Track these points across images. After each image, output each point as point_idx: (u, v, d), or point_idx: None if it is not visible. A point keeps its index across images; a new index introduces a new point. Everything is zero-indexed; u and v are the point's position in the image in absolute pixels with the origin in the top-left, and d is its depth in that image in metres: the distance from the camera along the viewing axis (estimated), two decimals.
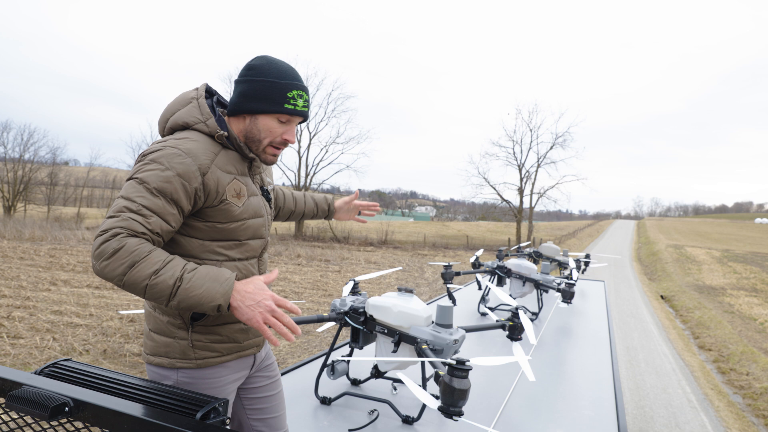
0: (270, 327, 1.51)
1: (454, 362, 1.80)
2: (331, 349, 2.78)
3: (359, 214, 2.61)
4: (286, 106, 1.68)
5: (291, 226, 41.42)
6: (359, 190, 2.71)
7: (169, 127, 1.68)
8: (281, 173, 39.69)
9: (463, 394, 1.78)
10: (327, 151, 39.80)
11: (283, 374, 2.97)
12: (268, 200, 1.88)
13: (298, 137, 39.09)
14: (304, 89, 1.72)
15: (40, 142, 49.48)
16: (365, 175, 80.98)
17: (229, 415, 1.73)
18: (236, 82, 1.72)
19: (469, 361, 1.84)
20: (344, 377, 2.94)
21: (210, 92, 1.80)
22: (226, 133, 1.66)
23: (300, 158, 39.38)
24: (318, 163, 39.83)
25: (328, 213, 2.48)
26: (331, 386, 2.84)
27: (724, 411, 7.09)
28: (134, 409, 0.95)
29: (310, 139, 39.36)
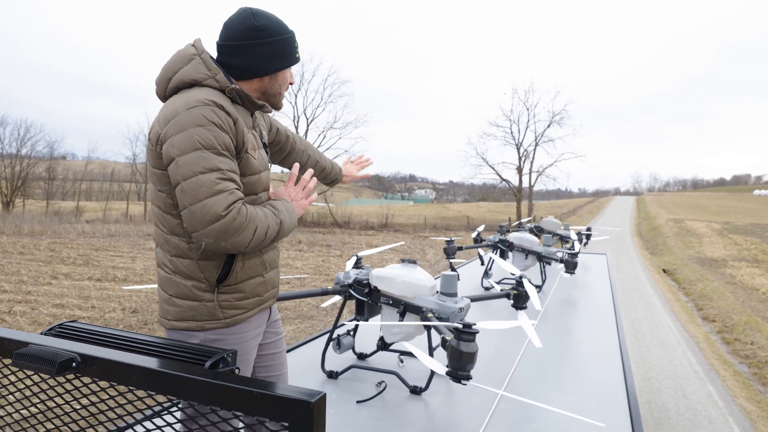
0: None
1: (461, 326, 1.78)
2: (336, 324, 2.75)
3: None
4: (297, 56, 1.78)
5: None
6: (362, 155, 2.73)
7: (173, 86, 1.63)
8: None
9: (471, 358, 1.76)
10: (325, 137, 39.68)
11: (289, 351, 2.94)
12: (266, 152, 1.88)
13: (296, 124, 38.96)
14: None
15: (37, 136, 49.05)
16: None
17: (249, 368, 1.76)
18: (247, 46, 1.67)
19: (475, 324, 1.81)
20: (350, 352, 2.91)
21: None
22: (237, 87, 1.64)
23: None
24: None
25: (338, 177, 2.51)
26: (337, 361, 2.81)
27: (731, 380, 7.10)
28: (142, 360, 0.94)
29: (308, 125, 39.22)
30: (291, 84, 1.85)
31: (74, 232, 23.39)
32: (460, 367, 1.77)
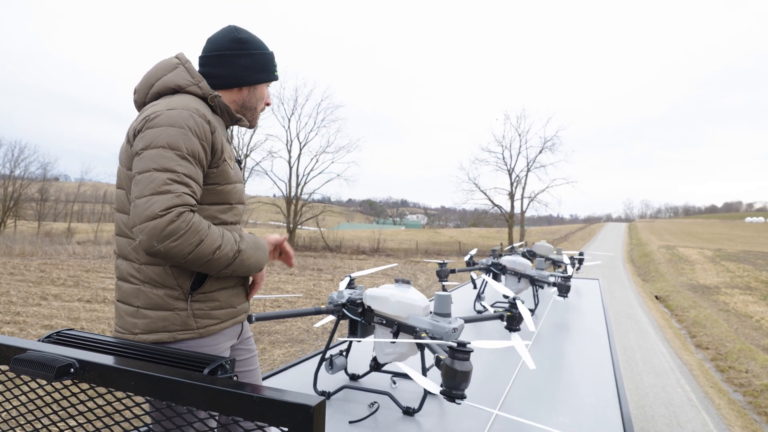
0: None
1: (455, 344, 1.78)
2: (329, 344, 2.74)
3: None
4: (276, 73, 1.85)
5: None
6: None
7: (155, 92, 1.66)
8: (272, 183, 39.65)
9: (465, 376, 1.76)
10: (317, 161, 39.77)
11: (281, 371, 2.92)
12: (240, 167, 1.91)
13: (288, 148, 39.08)
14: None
15: (31, 158, 49.13)
16: (356, 184, 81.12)
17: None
18: (229, 55, 1.74)
19: (470, 343, 1.82)
20: (343, 373, 2.89)
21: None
22: (219, 95, 1.69)
23: (290, 168, 39.33)
24: (309, 173, 39.80)
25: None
26: (329, 381, 2.79)
27: (725, 409, 7.06)
28: (140, 366, 0.93)
29: (300, 149, 39.33)
30: (268, 104, 1.91)
31: (65, 253, 23.24)
32: (455, 386, 1.77)
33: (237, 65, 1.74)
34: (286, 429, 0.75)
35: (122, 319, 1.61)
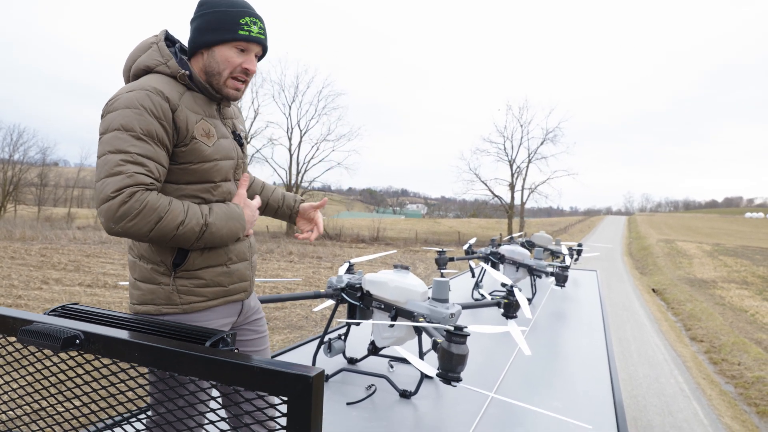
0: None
1: (452, 328, 1.81)
2: (327, 328, 2.77)
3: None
4: (240, 32, 1.66)
5: (283, 224, 41.37)
6: (328, 197, 2.42)
7: (133, 74, 1.67)
8: (272, 171, 39.61)
9: (461, 359, 1.79)
10: (318, 149, 39.82)
11: (279, 354, 2.96)
12: (240, 144, 1.85)
13: (289, 135, 39.05)
14: (258, 17, 1.71)
15: (30, 142, 48.94)
16: (356, 173, 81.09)
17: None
18: (191, 21, 1.71)
19: (466, 327, 1.85)
20: (341, 356, 2.93)
21: (171, 40, 1.79)
22: (188, 72, 1.65)
23: (291, 156, 39.35)
24: (309, 161, 39.82)
25: (293, 211, 2.17)
26: (328, 364, 2.83)
27: (717, 400, 7.13)
28: (144, 338, 0.96)
29: (301, 137, 39.32)
30: (247, 70, 1.71)
31: (65, 238, 23.26)
32: (451, 369, 1.80)
33: (192, 29, 1.70)
34: (286, 398, 0.78)
35: (129, 289, 1.71)
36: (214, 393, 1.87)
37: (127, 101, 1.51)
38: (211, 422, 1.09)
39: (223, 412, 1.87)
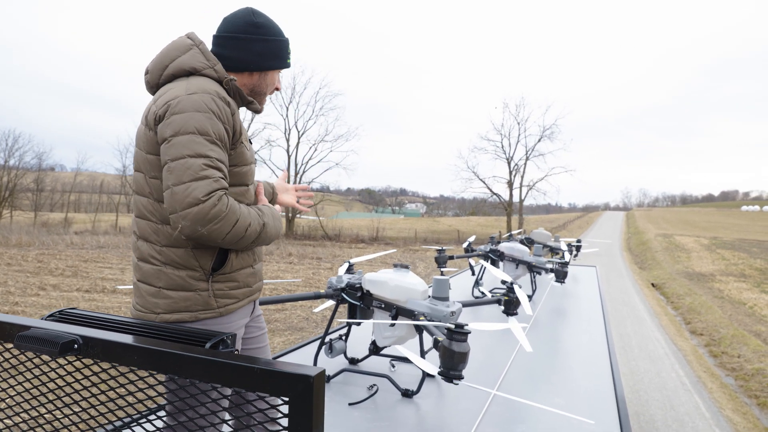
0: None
1: (453, 326, 1.80)
2: (328, 328, 2.76)
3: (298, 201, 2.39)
4: (288, 61, 1.84)
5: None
6: (285, 173, 2.48)
7: (169, 74, 1.65)
8: (270, 172, 39.55)
9: (462, 357, 1.78)
10: (316, 150, 39.74)
11: (281, 355, 2.95)
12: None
13: (287, 137, 39.03)
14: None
15: (26, 147, 48.97)
16: (354, 173, 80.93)
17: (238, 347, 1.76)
18: (243, 39, 1.73)
19: (467, 325, 1.84)
20: (342, 356, 2.92)
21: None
22: (235, 79, 1.69)
23: (289, 157, 39.29)
24: (307, 162, 39.76)
25: (273, 195, 2.23)
26: (329, 365, 2.82)
27: (717, 392, 7.14)
28: (143, 342, 0.95)
29: (299, 138, 39.27)
30: (278, 89, 1.90)
31: (63, 244, 23.21)
32: (452, 367, 1.79)
33: (251, 50, 1.73)
34: (287, 399, 0.77)
35: (143, 298, 1.63)
36: (215, 395, 1.87)
37: (195, 104, 1.52)
38: (212, 424, 1.08)
39: (225, 414, 1.87)
